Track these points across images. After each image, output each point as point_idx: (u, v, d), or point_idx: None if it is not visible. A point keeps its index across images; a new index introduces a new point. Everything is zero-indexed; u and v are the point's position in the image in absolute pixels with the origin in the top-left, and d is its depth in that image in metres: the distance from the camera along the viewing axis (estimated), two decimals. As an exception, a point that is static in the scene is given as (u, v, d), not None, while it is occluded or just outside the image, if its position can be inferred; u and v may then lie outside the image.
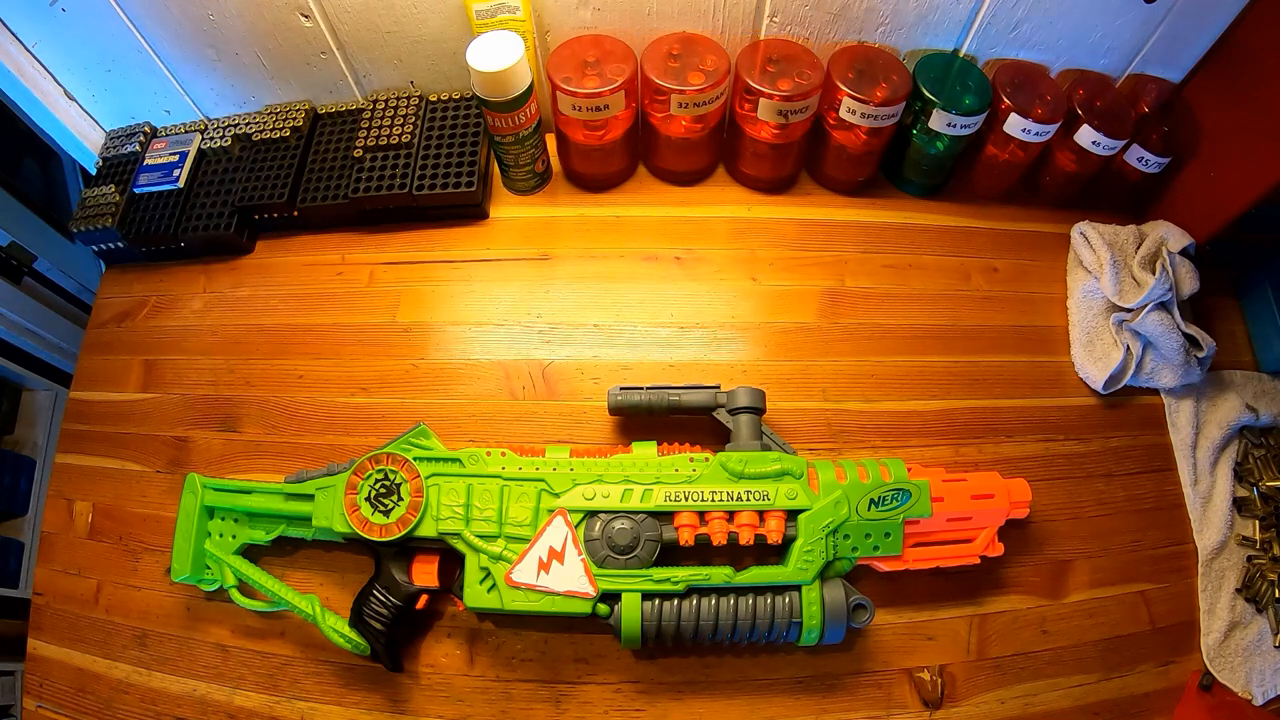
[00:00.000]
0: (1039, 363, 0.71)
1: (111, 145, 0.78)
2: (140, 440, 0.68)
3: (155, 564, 0.63)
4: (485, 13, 0.66)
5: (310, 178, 0.74)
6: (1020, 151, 0.71)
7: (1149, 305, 0.67)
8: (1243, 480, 0.67)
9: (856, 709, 0.58)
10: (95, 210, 0.73)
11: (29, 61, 0.71)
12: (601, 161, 0.74)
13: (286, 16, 0.68)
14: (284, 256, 0.75)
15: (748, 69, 0.67)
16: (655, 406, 0.60)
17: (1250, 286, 0.76)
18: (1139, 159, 0.71)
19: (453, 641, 0.60)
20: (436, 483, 0.56)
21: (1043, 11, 0.67)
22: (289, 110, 0.77)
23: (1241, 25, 0.66)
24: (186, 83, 0.76)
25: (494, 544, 0.55)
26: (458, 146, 0.74)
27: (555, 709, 0.57)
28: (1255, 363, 0.73)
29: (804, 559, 0.54)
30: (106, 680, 0.60)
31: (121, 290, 0.76)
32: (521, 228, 0.75)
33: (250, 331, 0.72)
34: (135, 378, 0.71)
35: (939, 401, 0.68)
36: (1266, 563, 0.64)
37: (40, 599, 0.64)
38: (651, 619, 0.53)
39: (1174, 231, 0.71)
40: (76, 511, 0.66)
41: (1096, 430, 0.68)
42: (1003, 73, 0.70)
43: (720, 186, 0.78)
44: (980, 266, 0.75)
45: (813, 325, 0.70)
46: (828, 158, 0.74)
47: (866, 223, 0.76)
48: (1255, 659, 0.61)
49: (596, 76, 0.67)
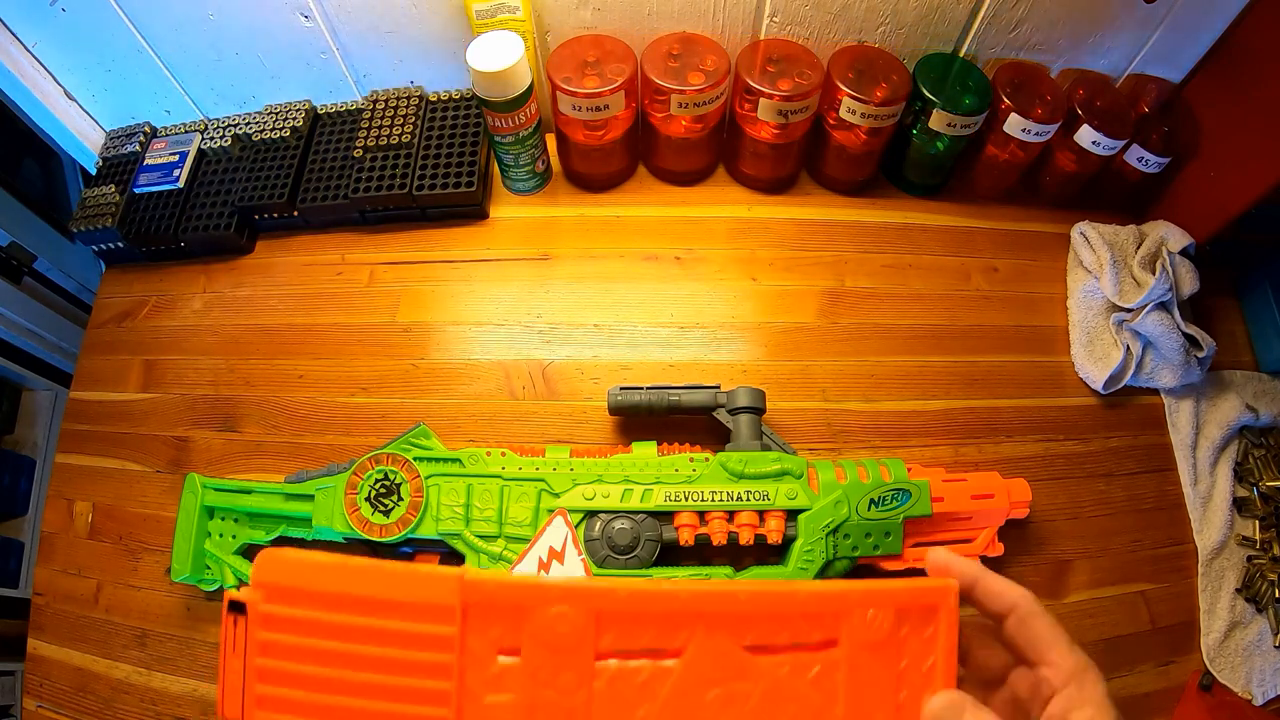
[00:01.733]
0: (1039, 363, 0.71)
1: (111, 145, 0.78)
2: (140, 440, 0.68)
3: (155, 564, 0.63)
4: (485, 13, 0.66)
5: (310, 178, 0.74)
6: (1020, 151, 0.71)
7: (1149, 305, 0.67)
8: (1243, 480, 0.67)
9: (856, 709, 0.58)
10: (95, 210, 0.73)
11: (29, 61, 0.71)
12: (601, 161, 0.74)
13: (286, 16, 0.68)
14: (284, 256, 0.75)
15: (748, 69, 0.67)
16: (655, 406, 0.60)
17: (1250, 286, 0.76)
18: (1139, 159, 0.71)
19: (453, 641, 0.59)
20: (436, 483, 0.56)
21: (1043, 11, 0.67)
22: (289, 110, 0.77)
23: (1241, 25, 0.66)
24: (186, 83, 0.76)
25: (494, 544, 0.55)
26: (458, 146, 0.74)
27: (555, 709, 0.57)
28: (1255, 363, 0.73)
29: (804, 559, 0.54)
30: (106, 680, 0.60)
31: (121, 290, 0.76)
32: (521, 228, 0.75)
33: (250, 331, 0.72)
34: (135, 378, 0.71)
35: (939, 401, 0.68)
36: (1266, 563, 0.64)
37: (40, 599, 0.64)
38: (651, 619, 0.53)
39: (1174, 231, 0.71)
40: (76, 511, 0.66)
41: (1096, 430, 0.68)
42: (1003, 73, 0.70)
43: (720, 186, 0.78)
44: (980, 266, 0.75)
45: (812, 325, 0.70)
46: (828, 158, 0.74)
47: (866, 223, 0.76)
48: (1255, 659, 0.61)
49: (596, 76, 0.67)
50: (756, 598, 0.29)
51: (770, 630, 0.29)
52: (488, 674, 0.27)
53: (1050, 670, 0.32)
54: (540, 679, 0.27)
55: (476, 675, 0.26)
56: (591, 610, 0.27)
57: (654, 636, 0.28)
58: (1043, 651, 0.32)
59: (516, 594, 0.27)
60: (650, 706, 0.27)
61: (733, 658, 0.28)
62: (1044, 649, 0.32)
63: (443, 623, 0.27)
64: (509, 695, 0.27)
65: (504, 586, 0.27)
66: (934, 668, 0.30)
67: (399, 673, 0.26)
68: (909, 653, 0.30)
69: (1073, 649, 0.32)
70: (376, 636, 0.27)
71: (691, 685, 0.28)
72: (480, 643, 0.27)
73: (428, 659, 0.26)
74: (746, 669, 0.28)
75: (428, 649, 0.26)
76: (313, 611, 0.27)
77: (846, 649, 0.29)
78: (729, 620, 0.29)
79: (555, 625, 0.27)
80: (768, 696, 0.28)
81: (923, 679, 0.30)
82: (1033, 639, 0.32)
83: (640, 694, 0.27)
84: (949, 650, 0.30)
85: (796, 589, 0.30)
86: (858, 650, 0.29)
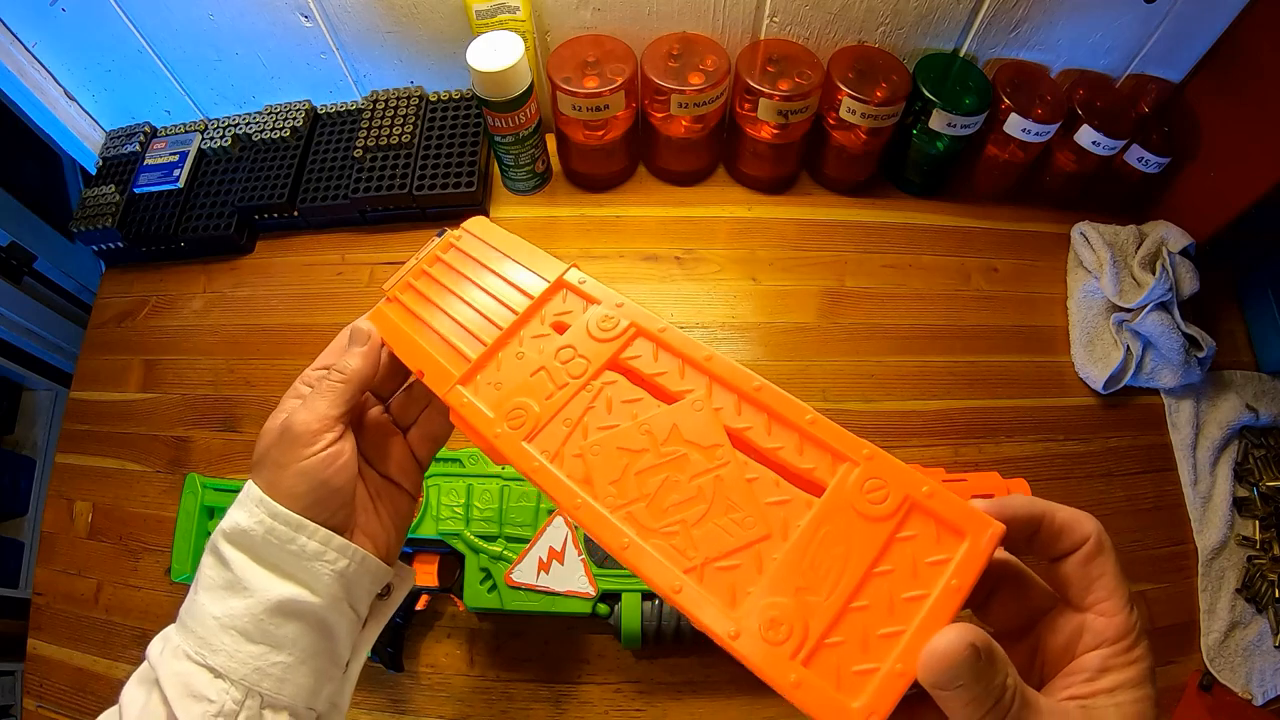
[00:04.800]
0: (1039, 363, 0.71)
1: (111, 145, 0.78)
2: (140, 440, 0.68)
3: (155, 564, 0.63)
4: (485, 13, 0.66)
5: (310, 178, 0.74)
6: (1020, 151, 0.71)
7: (1149, 305, 0.67)
8: (1243, 480, 0.67)
9: (856, 709, 0.58)
10: (95, 210, 0.73)
11: (29, 61, 0.71)
12: (601, 161, 0.74)
13: (286, 16, 0.68)
14: (284, 256, 0.75)
15: (748, 69, 0.67)
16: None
17: (1250, 286, 0.75)
18: (1139, 159, 0.71)
19: (453, 641, 0.60)
20: (436, 483, 0.56)
21: (1043, 11, 0.67)
22: (289, 110, 0.77)
23: (1241, 25, 0.66)
24: (186, 83, 0.76)
25: (494, 544, 0.55)
26: (458, 146, 0.74)
27: (555, 709, 0.57)
28: (1255, 363, 0.73)
29: (804, 559, 0.54)
30: (106, 680, 0.60)
31: (121, 290, 0.76)
32: (521, 228, 0.75)
33: (250, 331, 0.72)
34: (135, 378, 0.71)
35: (939, 401, 0.68)
36: (1266, 563, 0.64)
37: (40, 599, 0.64)
38: (651, 619, 0.53)
39: (1174, 231, 0.71)
40: (76, 511, 0.66)
41: (1096, 430, 0.68)
42: (1003, 73, 0.70)
43: (720, 186, 0.78)
44: (980, 266, 0.75)
45: (813, 325, 0.70)
46: (828, 158, 0.74)
47: (866, 223, 0.76)
48: (1255, 659, 0.61)
49: (596, 76, 0.67)
50: (767, 393, 0.29)
51: (764, 430, 0.29)
52: (532, 331, 0.34)
53: (1101, 621, 0.27)
54: (560, 356, 0.32)
55: (528, 328, 0.34)
56: (631, 321, 0.32)
57: (665, 377, 0.31)
58: (1101, 596, 0.27)
59: (590, 292, 0.34)
60: (621, 424, 0.30)
61: (713, 430, 0.29)
62: (1103, 594, 0.27)
63: (537, 290, 0.35)
64: (535, 351, 0.33)
65: (586, 288, 0.35)
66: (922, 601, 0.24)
67: (483, 311, 0.35)
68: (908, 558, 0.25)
69: (1131, 608, 0.27)
70: (491, 284, 0.36)
71: (664, 429, 0.29)
72: (546, 309, 0.34)
73: (505, 309, 0.35)
74: (718, 447, 0.28)
75: (512, 299, 0.35)
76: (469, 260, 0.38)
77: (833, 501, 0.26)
78: (732, 394, 0.30)
79: (599, 321, 0.33)
80: (718, 489, 0.27)
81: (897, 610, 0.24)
82: (1093, 580, 0.27)
83: (622, 411, 0.30)
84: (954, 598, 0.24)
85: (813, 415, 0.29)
86: (845, 508, 0.26)
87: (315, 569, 0.32)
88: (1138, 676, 0.26)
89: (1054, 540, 0.27)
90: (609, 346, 0.32)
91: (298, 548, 0.32)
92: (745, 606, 0.24)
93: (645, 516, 0.27)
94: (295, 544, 0.32)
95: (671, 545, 0.26)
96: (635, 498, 0.28)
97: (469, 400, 0.32)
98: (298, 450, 0.32)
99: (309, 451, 0.32)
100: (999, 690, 0.23)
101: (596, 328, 0.33)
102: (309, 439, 0.32)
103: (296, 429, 0.33)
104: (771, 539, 0.26)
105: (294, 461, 0.32)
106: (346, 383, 0.34)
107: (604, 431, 0.30)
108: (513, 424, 0.31)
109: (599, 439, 0.30)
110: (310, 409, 0.33)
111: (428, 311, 0.36)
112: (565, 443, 0.30)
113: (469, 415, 0.32)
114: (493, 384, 0.33)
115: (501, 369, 0.33)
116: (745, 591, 0.25)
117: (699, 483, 0.28)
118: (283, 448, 0.33)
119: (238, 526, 0.32)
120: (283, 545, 0.32)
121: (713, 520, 0.27)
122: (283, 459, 0.32)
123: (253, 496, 0.32)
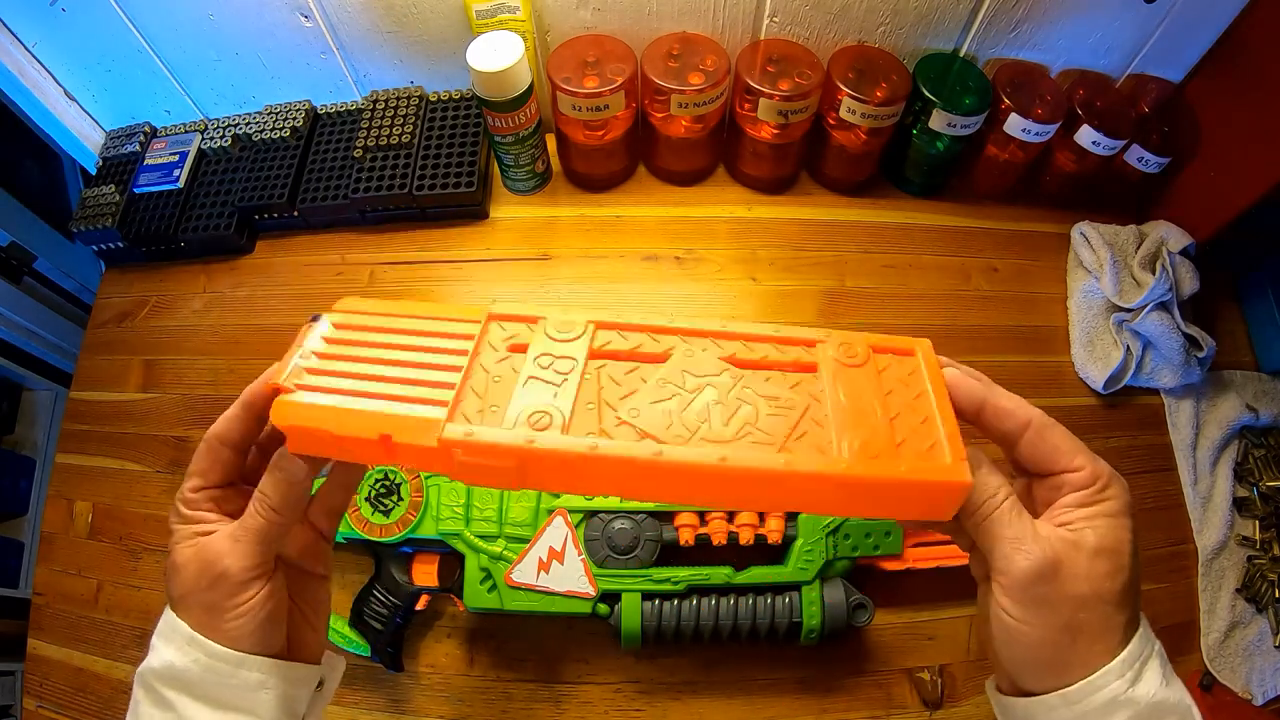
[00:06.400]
0: (1039, 363, 0.71)
1: (111, 145, 0.78)
2: (140, 440, 0.68)
3: (155, 564, 0.63)
4: (485, 13, 0.66)
5: (310, 178, 0.74)
6: (1020, 151, 0.71)
7: (1149, 305, 0.67)
8: (1243, 480, 0.67)
9: (857, 709, 0.58)
10: (95, 210, 0.73)
11: (29, 61, 0.71)
12: (601, 161, 0.74)
13: (286, 16, 0.68)
14: (284, 256, 0.75)
15: (748, 69, 0.67)
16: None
17: (1250, 286, 0.76)
18: (1139, 159, 0.71)
19: (453, 641, 0.60)
20: (436, 483, 0.56)
21: (1043, 11, 0.67)
22: (289, 110, 0.77)
23: (1241, 25, 0.66)
24: (186, 83, 0.76)
25: (494, 544, 0.55)
26: (458, 146, 0.74)
27: (555, 709, 0.57)
28: (1255, 363, 0.73)
29: (804, 559, 0.54)
30: (106, 680, 0.60)
31: (121, 290, 0.76)
32: (521, 228, 0.75)
33: (250, 331, 0.72)
34: (135, 378, 0.71)
35: (939, 401, 0.68)
36: (1266, 563, 0.64)
37: (40, 599, 0.64)
38: (651, 619, 0.53)
39: (1174, 231, 0.71)
40: (76, 511, 0.66)
41: (1096, 430, 0.68)
42: (1003, 73, 0.70)
43: (720, 186, 0.78)
44: (980, 266, 0.75)
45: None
46: (828, 158, 0.74)
47: (866, 223, 0.76)
48: (1255, 659, 0.61)
49: (596, 76, 0.67)
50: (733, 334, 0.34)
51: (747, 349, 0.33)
52: (493, 359, 0.33)
53: (1072, 475, 0.29)
54: (539, 362, 0.32)
55: (484, 357, 0.33)
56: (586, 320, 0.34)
57: (643, 347, 0.33)
58: (1062, 461, 0.30)
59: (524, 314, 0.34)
60: (640, 388, 0.31)
61: (715, 363, 0.33)
62: (1062, 458, 0.30)
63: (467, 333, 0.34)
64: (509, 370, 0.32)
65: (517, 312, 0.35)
66: (924, 396, 0.31)
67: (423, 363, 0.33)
68: (894, 380, 0.32)
69: (1095, 459, 0.30)
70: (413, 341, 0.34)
71: (678, 376, 0.32)
72: (491, 339, 0.34)
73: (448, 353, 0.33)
74: (725, 371, 0.32)
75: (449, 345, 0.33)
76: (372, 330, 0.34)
77: (828, 369, 0.32)
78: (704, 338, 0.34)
79: (556, 327, 0.33)
80: (750, 395, 0.31)
81: (915, 407, 0.31)
82: (1049, 450, 0.30)
83: (631, 379, 0.32)
84: (938, 387, 0.31)
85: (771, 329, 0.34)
86: (838, 368, 0.32)
87: (257, 697, 0.31)
88: (1115, 508, 0.29)
89: (998, 420, 0.31)
90: (580, 343, 0.33)
91: (239, 681, 0.31)
92: (834, 452, 0.29)
93: (717, 434, 0.30)
94: (236, 679, 0.31)
95: (753, 443, 0.30)
96: (697, 428, 0.30)
97: (471, 431, 0.30)
98: (234, 597, 0.31)
99: (245, 597, 0.31)
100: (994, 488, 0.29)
101: (558, 334, 0.33)
102: (242, 587, 0.31)
103: (232, 575, 0.31)
104: (811, 406, 0.31)
105: (231, 608, 0.31)
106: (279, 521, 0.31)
107: (630, 397, 0.31)
108: (538, 427, 0.30)
109: (633, 404, 0.31)
110: (242, 554, 0.31)
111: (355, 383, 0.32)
112: (601, 420, 0.31)
113: (480, 440, 0.30)
114: (480, 411, 0.31)
115: (486, 395, 0.31)
116: (827, 441, 0.30)
117: (734, 395, 0.32)
118: (215, 593, 0.31)
119: (172, 666, 0.31)
120: (222, 681, 0.31)
121: (766, 414, 0.31)
122: (216, 602, 0.31)
123: (182, 634, 0.31)
